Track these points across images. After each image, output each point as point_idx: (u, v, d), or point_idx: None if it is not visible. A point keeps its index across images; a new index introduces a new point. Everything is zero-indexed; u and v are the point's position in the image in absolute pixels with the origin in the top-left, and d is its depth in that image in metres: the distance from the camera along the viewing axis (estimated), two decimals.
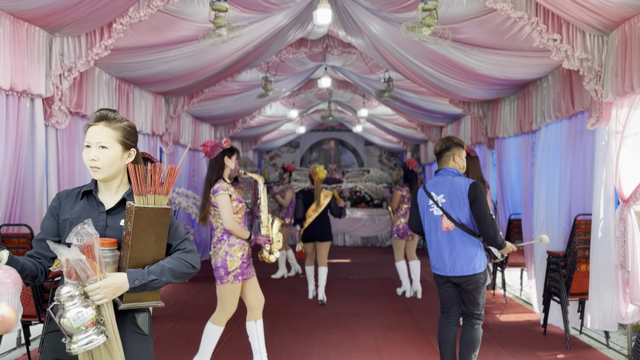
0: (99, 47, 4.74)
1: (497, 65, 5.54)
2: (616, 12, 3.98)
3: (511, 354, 4.51)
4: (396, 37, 5.79)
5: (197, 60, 6.07)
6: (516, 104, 6.58)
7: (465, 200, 3.51)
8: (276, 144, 15.20)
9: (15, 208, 4.37)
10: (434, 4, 4.27)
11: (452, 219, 3.55)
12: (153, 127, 7.19)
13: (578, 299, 4.89)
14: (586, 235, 4.70)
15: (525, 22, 4.39)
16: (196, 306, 6.20)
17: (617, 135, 4.38)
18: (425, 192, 3.70)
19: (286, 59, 7.81)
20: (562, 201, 5.38)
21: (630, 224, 4.23)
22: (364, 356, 4.42)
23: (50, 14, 4.27)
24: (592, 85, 4.53)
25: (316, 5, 5.67)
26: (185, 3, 4.80)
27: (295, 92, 10.19)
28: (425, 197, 3.69)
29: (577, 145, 5.17)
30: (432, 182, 3.72)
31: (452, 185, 3.57)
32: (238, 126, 10.81)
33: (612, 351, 4.60)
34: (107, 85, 5.85)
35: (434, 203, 3.63)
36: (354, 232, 12.66)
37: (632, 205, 4.22)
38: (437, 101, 8.29)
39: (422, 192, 3.74)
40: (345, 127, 15.49)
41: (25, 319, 4.02)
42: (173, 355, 4.40)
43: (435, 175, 3.75)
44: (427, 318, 5.69)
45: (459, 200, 3.54)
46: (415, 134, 11.75)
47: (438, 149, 3.73)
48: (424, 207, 3.72)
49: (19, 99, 4.43)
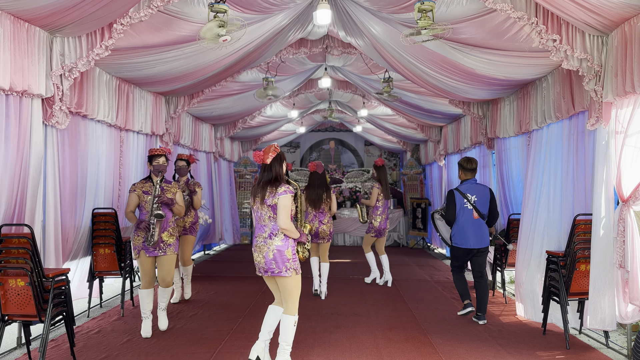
0: (99, 47, 4.75)
1: (496, 65, 5.54)
2: (616, 12, 3.99)
3: (511, 353, 4.51)
4: (396, 38, 5.79)
5: (197, 61, 6.08)
6: (516, 104, 6.59)
7: (488, 200, 5.60)
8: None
9: (15, 208, 4.38)
10: (430, 4, 4.27)
11: (480, 212, 5.52)
12: (153, 127, 7.20)
13: (577, 298, 4.90)
14: (586, 235, 4.70)
15: (525, 23, 4.39)
16: (196, 306, 6.21)
17: (617, 135, 4.38)
18: (461, 194, 5.58)
19: (286, 59, 7.82)
20: (562, 201, 5.39)
21: (629, 224, 4.23)
22: (364, 356, 4.42)
23: (50, 14, 4.27)
24: (591, 86, 4.54)
25: (316, 5, 5.68)
26: (185, 3, 4.81)
27: (296, 92, 10.20)
28: (461, 197, 5.56)
29: (577, 146, 5.17)
30: (464, 187, 5.61)
31: (478, 189, 5.61)
32: (238, 126, 10.82)
33: (611, 351, 4.61)
34: (108, 85, 5.86)
35: (467, 201, 5.54)
36: (354, 232, 12.67)
37: (631, 205, 4.23)
38: (437, 101, 8.30)
39: (458, 194, 5.59)
40: (345, 127, 15.49)
41: (25, 319, 4.03)
42: (173, 355, 4.40)
43: (465, 183, 5.65)
44: (427, 318, 5.70)
45: (484, 200, 5.59)
46: (415, 134, 11.76)
47: (475, 166, 5.64)
48: (460, 204, 5.55)
49: (19, 99, 4.43)
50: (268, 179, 3.97)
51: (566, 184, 5.32)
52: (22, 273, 3.93)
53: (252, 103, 9.47)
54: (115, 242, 5.72)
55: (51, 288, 3.99)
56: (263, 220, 3.99)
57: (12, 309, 3.97)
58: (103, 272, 5.77)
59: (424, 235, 12.35)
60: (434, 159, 11.28)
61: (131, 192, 4.94)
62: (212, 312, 5.93)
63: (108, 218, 5.77)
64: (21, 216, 4.46)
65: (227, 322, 5.47)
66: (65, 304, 4.21)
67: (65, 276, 4.26)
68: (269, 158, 3.99)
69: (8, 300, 3.96)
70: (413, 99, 8.68)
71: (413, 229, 12.55)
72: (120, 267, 5.75)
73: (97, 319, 5.56)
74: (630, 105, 4.25)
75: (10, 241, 4.01)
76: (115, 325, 5.32)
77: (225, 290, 7.16)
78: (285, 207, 3.87)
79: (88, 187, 5.78)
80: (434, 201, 11.80)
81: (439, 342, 4.81)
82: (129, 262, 5.96)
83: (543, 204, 5.63)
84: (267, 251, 3.94)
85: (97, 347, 4.62)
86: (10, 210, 4.33)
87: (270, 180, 3.96)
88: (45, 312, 3.96)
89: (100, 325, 5.32)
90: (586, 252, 4.69)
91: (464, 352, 4.54)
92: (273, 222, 3.94)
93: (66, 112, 4.94)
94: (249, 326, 5.28)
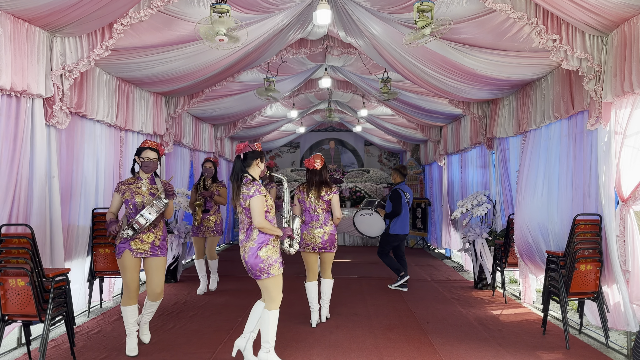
0: (99, 48, 4.75)
1: (496, 65, 5.54)
2: (615, 12, 3.99)
3: (511, 353, 4.51)
4: (396, 38, 5.79)
5: (198, 61, 6.08)
6: (515, 104, 6.59)
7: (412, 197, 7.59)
8: (276, 144, 15.21)
9: (15, 208, 4.38)
10: (429, 5, 4.26)
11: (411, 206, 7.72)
12: (154, 127, 7.20)
13: (577, 298, 4.90)
14: (585, 235, 4.71)
15: (525, 23, 4.39)
16: (196, 306, 6.21)
17: (617, 135, 4.38)
18: (402, 192, 7.35)
19: (286, 59, 7.81)
20: (561, 201, 5.39)
21: (629, 224, 4.24)
22: (364, 356, 4.42)
23: (50, 14, 4.28)
24: (591, 86, 4.54)
25: (316, 5, 5.67)
26: (186, 3, 4.81)
27: (296, 92, 10.20)
28: (403, 195, 7.33)
29: (577, 146, 5.17)
30: (402, 188, 7.40)
31: (407, 189, 7.47)
32: (238, 126, 10.81)
33: (611, 351, 4.61)
34: (108, 85, 5.86)
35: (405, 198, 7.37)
36: (354, 232, 12.67)
37: (631, 205, 4.23)
38: (437, 101, 8.29)
39: (402, 192, 7.34)
40: (345, 127, 15.49)
41: (25, 318, 4.03)
42: (173, 355, 4.41)
43: (401, 184, 7.47)
44: (427, 318, 5.70)
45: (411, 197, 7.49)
46: (415, 134, 11.75)
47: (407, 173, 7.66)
48: (403, 200, 7.30)
49: (19, 99, 4.44)
50: (234, 180, 4.04)
51: (566, 183, 5.32)
52: (22, 273, 3.93)
53: (252, 103, 9.47)
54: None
55: (51, 288, 3.99)
56: (242, 221, 4.07)
57: (12, 309, 3.98)
58: (103, 272, 5.78)
59: (424, 235, 12.35)
60: (434, 159, 11.29)
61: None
62: (212, 312, 5.94)
63: None
64: (21, 216, 4.46)
65: (227, 322, 5.47)
66: (65, 304, 4.21)
67: (65, 276, 4.26)
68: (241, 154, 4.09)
69: (8, 300, 3.96)
70: (413, 99, 8.67)
71: (413, 229, 12.56)
72: None
73: (97, 319, 5.56)
74: (629, 106, 4.25)
75: (10, 241, 4.01)
76: (115, 325, 5.33)
77: (225, 290, 7.16)
78: (257, 207, 3.87)
79: (88, 187, 5.78)
80: (434, 201, 11.80)
81: (439, 342, 4.81)
82: None
83: (542, 204, 5.63)
84: (244, 253, 4.00)
85: (97, 347, 4.62)
86: (10, 210, 4.33)
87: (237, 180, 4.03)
88: (46, 312, 3.96)
89: (100, 325, 5.32)
90: (586, 252, 4.70)
91: (464, 352, 4.54)
92: (249, 221, 4.00)
93: (66, 112, 4.94)
94: None
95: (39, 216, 4.65)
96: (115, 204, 4.45)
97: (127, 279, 4.37)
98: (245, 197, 3.92)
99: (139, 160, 4.51)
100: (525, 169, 6.13)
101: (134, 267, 4.37)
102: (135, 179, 4.51)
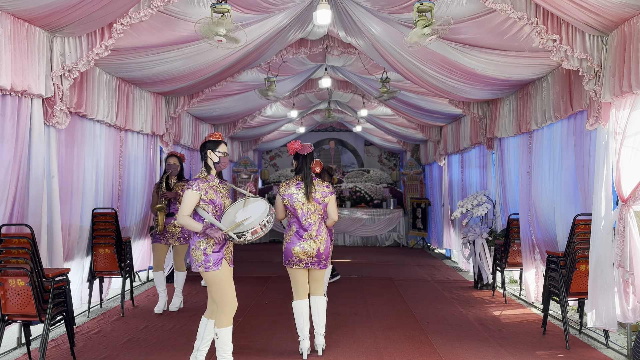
0: (99, 48, 4.75)
1: (496, 65, 5.54)
2: (615, 12, 3.99)
3: (511, 353, 4.51)
4: (396, 38, 5.79)
5: (198, 61, 6.08)
6: (515, 104, 6.59)
7: None
8: (276, 144, 15.21)
9: (15, 208, 4.38)
10: (429, 5, 4.26)
11: None
12: (153, 127, 7.20)
13: (577, 298, 4.90)
14: (585, 235, 4.70)
15: (525, 23, 4.39)
16: (196, 306, 6.21)
17: (616, 136, 4.38)
18: None
19: (286, 59, 7.81)
20: (561, 201, 5.39)
21: (629, 224, 4.23)
22: (364, 356, 4.42)
23: (50, 14, 4.28)
24: (591, 86, 4.54)
25: (316, 5, 5.67)
26: (186, 3, 4.81)
27: (296, 92, 10.20)
28: None
29: (577, 146, 5.17)
30: None
31: None
32: (238, 126, 10.81)
33: (611, 351, 4.61)
34: (108, 85, 5.86)
35: None
36: (354, 232, 12.67)
37: (631, 205, 4.23)
38: (437, 101, 8.29)
39: None
40: (345, 127, 15.49)
41: (25, 318, 4.03)
42: (173, 355, 4.40)
43: None
44: (427, 318, 5.70)
45: None
46: (415, 134, 11.76)
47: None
48: None
49: (19, 99, 4.43)
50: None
51: (566, 183, 5.32)
52: (22, 273, 3.93)
53: (252, 103, 9.46)
54: (115, 242, 5.72)
55: (51, 288, 3.99)
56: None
57: (12, 309, 3.98)
58: (103, 272, 5.78)
59: (423, 235, 12.35)
60: (434, 159, 11.29)
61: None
62: None
63: (108, 218, 5.77)
64: (21, 216, 4.46)
65: None
66: (65, 304, 4.21)
67: (65, 276, 4.26)
68: None
69: (8, 300, 3.96)
70: (413, 98, 8.67)
71: (413, 229, 12.56)
72: (121, 267, 5.75)
73: (97, 319, 5.56)
74: (628, 107, 4.25)
75: (10, 241, 4.01)
76: (115, 325, 5.33)
77: None
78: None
79: (88, 187, 5.78)
80: (434, 201, 11.80)
81: (439, 342, 4.81)
82: (129, 262, 5.96)
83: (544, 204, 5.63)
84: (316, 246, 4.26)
85: (97, 347, 4.62)
86: (10, 210, 4.33)
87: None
88: (45, 312, 3.96)
89: (100, 325, 5.32)
90: (586, 252, 4.70)
91: (464, 352, 4.54)
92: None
93: (66, 112, 4.94)
94: (249, 326, 5.28)
95: (38, 216, 4.65)
96: (193, 206, 3.73)
97: (230, 292, 3.76)
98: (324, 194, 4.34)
99: (213, 155, 3.87)
100: (528, 168, 6.12)
101: (230, 277, 3.81)
102: (208, 176, 3.87)
